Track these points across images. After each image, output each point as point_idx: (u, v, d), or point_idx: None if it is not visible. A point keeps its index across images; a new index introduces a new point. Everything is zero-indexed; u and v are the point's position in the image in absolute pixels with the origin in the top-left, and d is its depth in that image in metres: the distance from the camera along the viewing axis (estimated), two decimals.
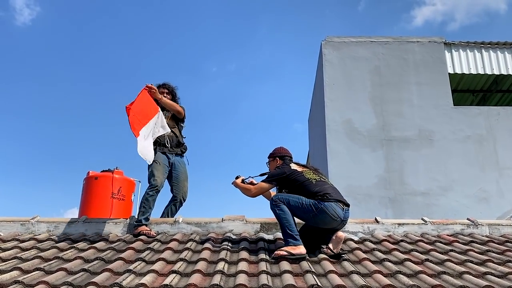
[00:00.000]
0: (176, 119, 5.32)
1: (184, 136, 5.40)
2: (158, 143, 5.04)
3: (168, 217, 5.12)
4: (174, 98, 5.40)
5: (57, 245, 4.19)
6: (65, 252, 3.94)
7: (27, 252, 3.99)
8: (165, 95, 5.25)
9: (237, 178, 4.34)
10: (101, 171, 7.96)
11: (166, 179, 5.12)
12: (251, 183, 4.30)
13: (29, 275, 3.24)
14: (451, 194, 8.30)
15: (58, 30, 31.58)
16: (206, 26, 34.33)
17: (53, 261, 3.66)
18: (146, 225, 4.73)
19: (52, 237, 4.57)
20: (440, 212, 7.61)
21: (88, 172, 8.00)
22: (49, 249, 4.06)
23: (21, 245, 4.20)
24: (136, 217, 4.87)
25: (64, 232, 4.79)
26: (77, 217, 5.55)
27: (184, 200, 5.24)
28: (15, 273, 3.31)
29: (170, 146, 5.14)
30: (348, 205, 3.99)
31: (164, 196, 5.61)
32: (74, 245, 4.22)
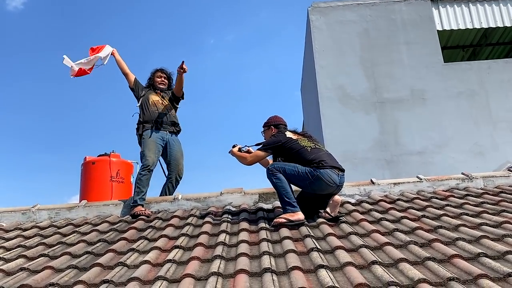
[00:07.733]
0: (171, 101, 5.33)
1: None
2: (154, 121, 5.06)
3: (166, 195, 5.16)
4: (170, 83, 5.42)
5: (59, 230, 4.24)
6: (68, 237, 3.99)
7: (30, 240, 4.04)
8: (163, 79, 5.30)
9: (234, 146, 4.37)
10: (98, 156, 7.98)
11: (161, 157, 5.16)
12: (248, 152, 4.33)
13: (34, 261, 3.30)
14: (447, 150, 8.35)
15: (50, 11, 31.00)
16: None
17: (56, 246, 3.71)
18: (142, 205, 4.78)
19: (54, 223, 4.62)
20: (437, 170, 7.65)
21: (85, 157, 8.02)
22: (52, 235, 4.11)
23: (24, 233, 4.24)
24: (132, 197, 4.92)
25: (65, 218, 4.84)
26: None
27: (180, 178, 5.28)
28: (20, 260, 3.36)
29: (165, 124, 5.16)
30: (343, 170, 4.04)
31: (161, 175, 5.65)
32: (76, 229, 4.27)
